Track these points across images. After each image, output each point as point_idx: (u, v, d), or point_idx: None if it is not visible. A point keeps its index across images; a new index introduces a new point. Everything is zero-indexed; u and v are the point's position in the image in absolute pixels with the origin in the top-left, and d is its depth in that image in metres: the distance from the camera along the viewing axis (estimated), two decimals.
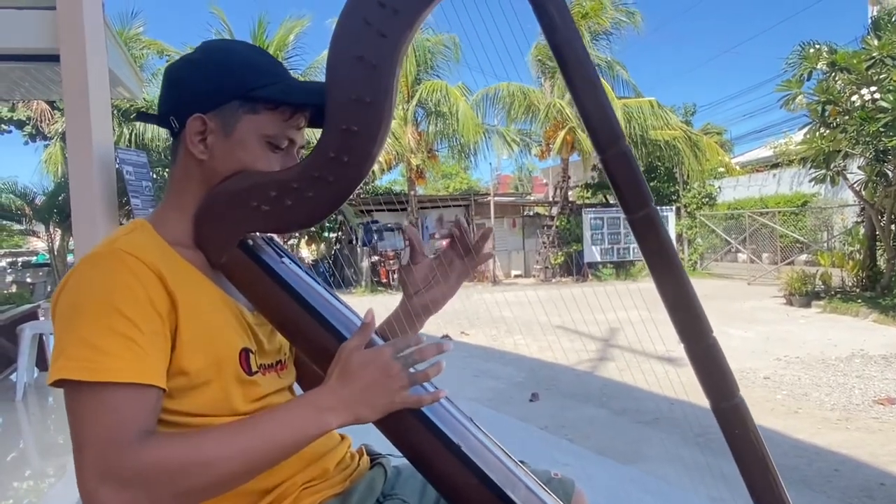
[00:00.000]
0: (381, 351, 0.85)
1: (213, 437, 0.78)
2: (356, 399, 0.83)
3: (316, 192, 0.91)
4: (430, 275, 1.10)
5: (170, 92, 0.95)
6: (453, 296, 1.12)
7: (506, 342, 8.39)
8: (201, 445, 0.77)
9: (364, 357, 0.85)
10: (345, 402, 0.83)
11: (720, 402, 0.84)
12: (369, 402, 0.84)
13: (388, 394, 0.84)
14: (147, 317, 0.80)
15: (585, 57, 0.85)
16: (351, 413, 0.83)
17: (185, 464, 0.75)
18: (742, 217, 17.51)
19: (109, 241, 0.86)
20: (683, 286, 0.85)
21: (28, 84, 7.01)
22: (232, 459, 0.77)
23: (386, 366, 0.84)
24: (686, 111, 22.18)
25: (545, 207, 20.25)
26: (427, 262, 1.11)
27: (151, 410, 0.79)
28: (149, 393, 0.78)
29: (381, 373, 0.84)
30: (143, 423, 0.77)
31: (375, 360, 0.84)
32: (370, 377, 0.84)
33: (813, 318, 9.92)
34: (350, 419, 0.84)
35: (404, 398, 0.85)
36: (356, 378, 0.84)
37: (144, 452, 0.74)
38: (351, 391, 0.83)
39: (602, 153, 0.86)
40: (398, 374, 0.85)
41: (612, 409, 5.28)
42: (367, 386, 0.83)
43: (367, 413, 0.84)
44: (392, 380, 0.84)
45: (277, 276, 0.93)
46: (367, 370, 0.84)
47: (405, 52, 0.91)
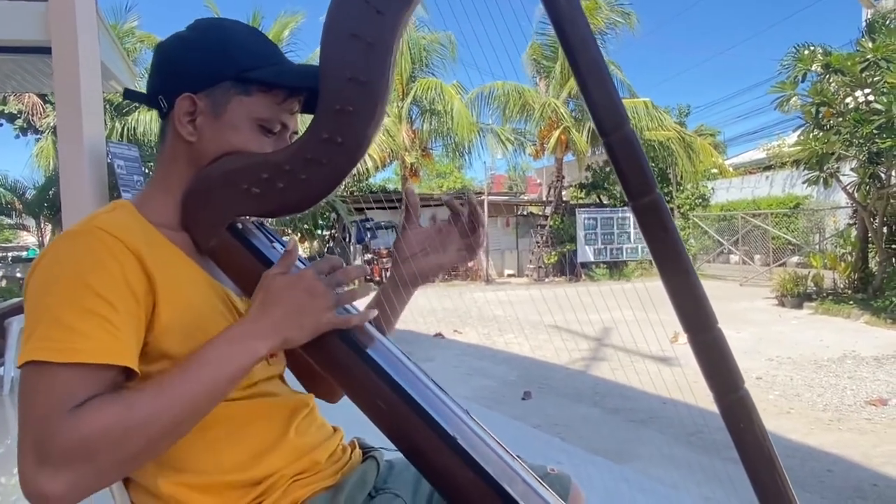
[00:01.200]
0: (304, 273, 0.84)
1: (146, 391, 0.74)
2: (281, 322, 0.81)
3: (309, 175, 0.88)
4: (425, 242, 1.07)
5: (159, 70, 0.92)
6: (447, 268, 1.09)
7: (498, 341, 8.37)
8: (135, 403, 0.73)
9: (286, 280, 0.83)
10: (270, 327, 0.81)
11: (725, 395, 0.82)
12: (295, 323, 0.82)
13: (314, 313, 0.82)
14: (122, 296, 0.77)
15: (589, 37, 0.82)
16: (278, 336, 0.81)
17: (122, 426, 0.71)
18: (735, 218, 17.56)
19: (87, 220, 0.82)
20: (688, 276, 0.82)
21: (20, 77, 6.95)
22: (169, 409, 0.74)
23: (309, 286, 0.83)
24: (680, 112, 22.22)
25: (539, 207, 20.25)
26: (423, 230, 1.08)
27: (108, 387, 0.74)
28: (109, 371, 0.75)
29: (304, 293, 0.82)
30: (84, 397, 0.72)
31: (298, 282, 0.83)
32: (294, 299, 0.82)
33: (805, 319, 9.94)
34: (278, 342, 0.82)
35: (330, 318, 0.84)
36: (279, 301, 0.82)
37: (78, 424, 0.69)
38: (274, 315, 0.81)
39: (606, 137, 0.83)
40: (322, 294, 0.83)
41: (605, 407, 5.27)
42: (291, 308, 0.82)
43: (294, 334, 0.82)
44: (316, 299, 0.83)
45: (267, 261, 0.89)
46: (290, 292, 0.82)
47: (403, 30, 0.88)
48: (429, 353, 7.82)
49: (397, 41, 0.87)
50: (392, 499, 0.96)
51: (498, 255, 18.86)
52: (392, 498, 0.96)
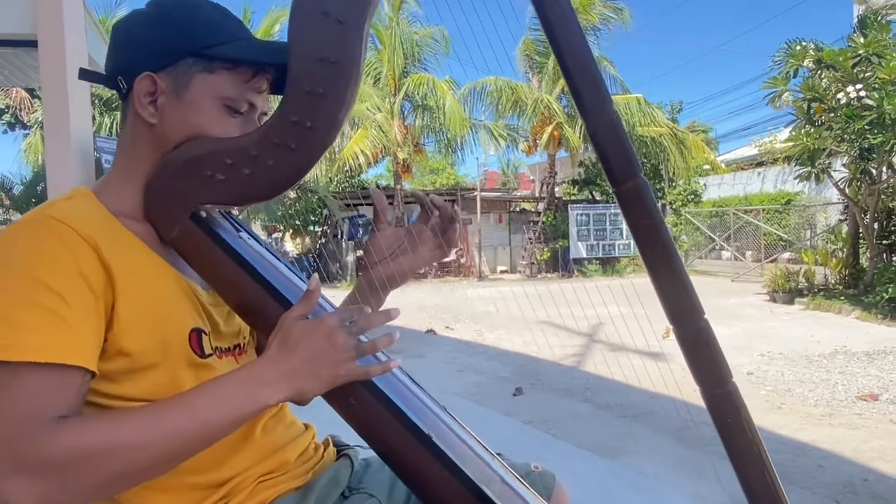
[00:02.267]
0: (325, 319, 0.78)
1: (137, 417, 0.70)
2: (298, 371, 0.76)
3: (277, 161, 0.83)
4: (395, 244, 1.03)
5: (118, 49, 0.87)
6: (420, 269, 1.05)
7: (490, 337, 8.34)
8: (124, 427, 0.69)
9: (306, 326, 0.78)
10: (285, 375, 0.76)
11: (712, 389, 0.78)
12: (313, 373, 0.77)
13: (333, 365, 0.77)
14: (76, 290, 0.72)
15: (571, 15, 0.78)
16: (292, 386, 0.76)
17: (106, 449, 0.67)
18: (727, 214, 17.58)
19: (41, 208, 0.78)
20: (674, 265, 0.79)
21: (7, 72, 6.85)
22: (158, 442, 0.69)
23: (330, 334, 0.77)
24: (672, 108, 22.25)
25: (532, 203, 20.23)
26: (393, 231, 1.04)
27: (75, 394, 0.71)
28: (72, 374, 0.70)
29: (324, 342, 0.77)
30: (62, 407, 0.69)
31: (318, 328, 0.77)
32: (313, 347, 0.76)
33: (796, 314, 9.96)
34: (291, 393, 0.77)
35: (350, 369, 0.78)
36: (298, 348, 0.76)
37: (60, 438, 0.66)
38: (292, 363, 0.76)
39: (589, 119, 0.79)
40: (344, 344, 0.78)
41: (597, 403, 5.24)
42: (310, 357, 0.76)
43: (310, 386, 0.77)
44: (337, 350, 0.77)
45: (234, 252, 0.85)
46: (309, 340, 0.77)
47: (375, 7, 0.84)
48: (420, 349, 7.79)
49: (369, 18, 0.83)
50: (366, 499, 0.92)
51: (490, 251, 18.83)
52: (366, 498, 0.92)
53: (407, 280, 1.04)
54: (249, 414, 0.75)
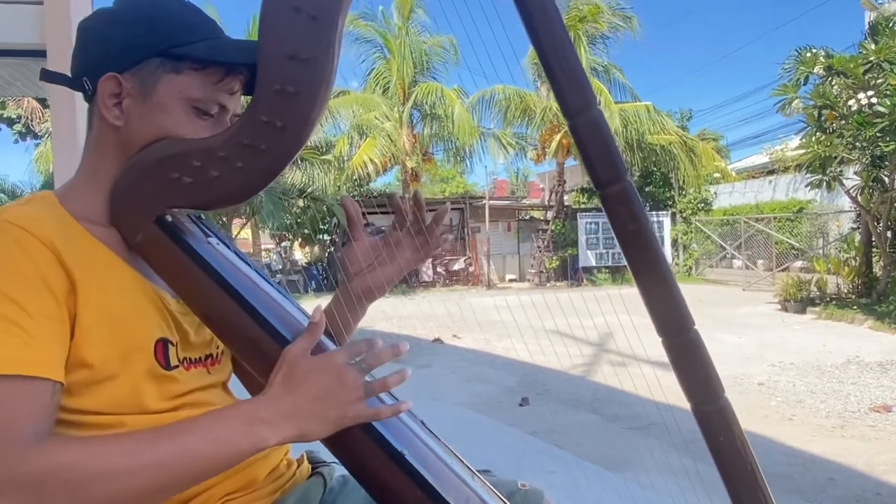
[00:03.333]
0: (334, 356, 0.74)
1: (123, 445, 0.67)
2: (303, 412, 0.72)
3: (246, 163, 0.79)
4: (373, 255, 0.98)
5: (82, 48, 0.84)
6: (400, 279, 1.00)
7: (498, 346, 8.27)
8: (108, 454, 0.65)
9: (313, 363, 0.73)
10: (288, 416, 0.71)
11: (702, 405, 0.74)
12: (318, 415, 0.72)
13: (340, 406, 0.72)
14: (37, 298, 0.68)
15: (552, 8, 0.74)
16: (294, 427, 0.72)
17: (88, 475, 0.63)
18: (737, 223, 17.44)
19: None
20: (661, 272, 0.74)
21: (19, 82, 6.90)
22: (143, 475, 0.65)
23: (339, 373, 0.73)
24: (682, 116, 22.07)
25: (541, 211, 20.17)
26: (369, 242, 0.99)
27: (45, 407, 0.67)
28: (40, 387, 0.67)
29: (333, 381, 0.72)
30: (35, 422, 0.65)
31: (326, 366, 0.73)
32: (320, 387, 0.72)
33: (808, 324, 9.83)
34: (293, 435, 0.72)
35: (359, 411, 0.74)
36: (303, 387, 0.72)
37: (38, 457, 0.63)
38: (296, 402, 0.72)
39: (571, 119, 0.75)
40: (353, 384, 0.73)
41: (604, 414, 5.17)
42: (316, 397, 0.72)
43: (315, 427, 0.72)
44: (346, 390, 0.73)
45: (199, 258, 0.81)
46: (316, 378, 0.72)
47: (350, 2, 0.80)
48: (427, 358, 7.73)
49: (343, 14, 0.79)
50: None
51: (499, 259, 18.77)
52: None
53: (385, 292, 1.00)
54: (245, 453, 0.71)
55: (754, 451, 0.75)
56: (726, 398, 0.73)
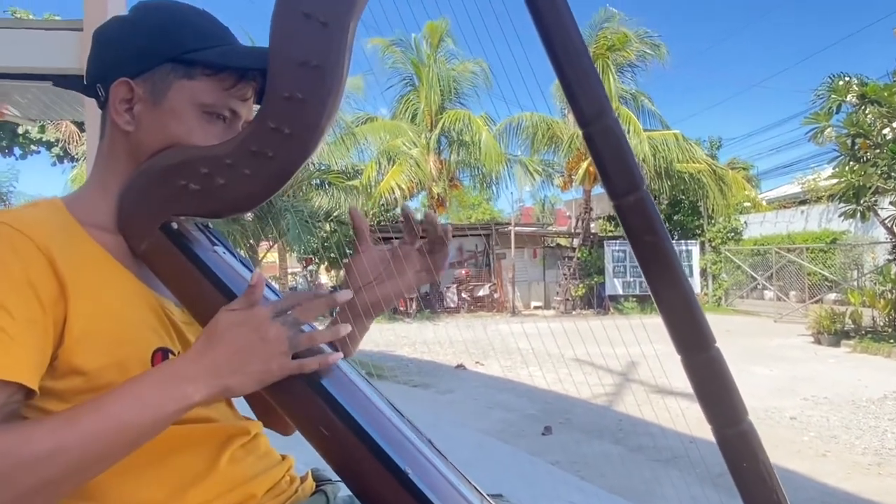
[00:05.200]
0: (255, 311, 0.72)
1: (46, 426, 0.64)
2: (222, 366, 0.70)
3: (254, 170, 0.78)
4: (380, 267, 0.96)
5: (97, 55, 0.84)
6: (408, 294, 0.97)
7: (521, 374, 8.16)
8: (30, 438, 0.63)
9: (235, 317, 0.72)
10: (209, 370, 0.70)
11: (724, 428, 0.69)
12: (239, 368, 0.70)
13: (262, 359, 0.71)
14: (22, 302, 0.67)
15: (566, 11, 0.72)
16: (217, 383, 0.70)
17: (13, 462, 0.61)
18: (769, 253, 17.11)
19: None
20: (680, 286, 0.71)
21: (58, 107, 7.13)
22: (70, 450, 0.63)
23: (260, 326, 0.71)
24: (712, 145, 21.91)
25: (567, 239, 20.05)
26: (377, 254, 0.97)
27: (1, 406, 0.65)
28: (6, 388, 0.65)
29: (254, 335, 0.71)
30: None
31: (248, 320, 0.71)
32: (240, 340, 0.71)
33: (842, 357, 9.54)
34: (216, 390, 0.70)
35: (283, 363, 0.72)
36: (223, 342, 0.70)
37: None
38: (215, 357, 0.70)
39: (585, 127, 0.72)
40: (276, 337, 0.72)
41: (628, 445, 5.04)
42: (236, 350, 0.70)
43: (237, 382, 0.71)
44: (268, 343, 0.71)
45: (205, 267, 0.79)
46: (235, 332, 0.71)
47: (362, 9, 0.79)
48: (450, 384, 7.66)
49: (355, 21, 0.78)
50: None
51: (525, 286, 18.64)
52: None
53: (392, 306, 0.98)
54: (173, 413, 0.69)
55: (784, 487, 0.71)
56: (750, 421, 0.69)
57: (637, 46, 16.84)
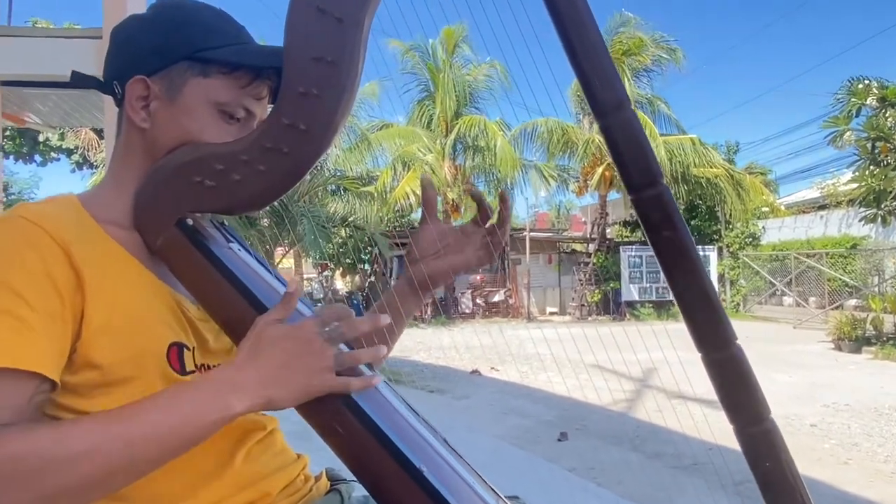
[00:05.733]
0: (302, 324, 0.72)
1: (83, 426, 0.64)
2: (267, 378, 0.69)
3: (269, 166, 0.78)
4: (441, 241, 0.98)
5: (114, 53, 0.84)
6: (462, 270, 0.98)
7: (537, 379, 8.11)
8: (67, 437, 0.62)
9: (282, 330, 0.71)
10: (253, 382, 0.69)
11: (747, 427, 0.68)
12: (283, 381, 0.69)
13: (306, 374, 0.70)
14: (42, 294, 0.67)
15: (585, 8, 0.71)
16: (261, 395, 0.69)
17: (44, 461, 0.60)
18: (787, 259, 16.92)
19: (13, 208, 0.74)
20: (700, 282, 0.69)
21: (78, 113, 7.24)
22: (105, 454, 0.62)
23: (307, 341, 0.70)
24: (729, 149, 21.69)
25: (582, 244, 19.97)
26: (441, 228, 0.99)
27: (26, 402, 0.65)
28: (27, 381, 0.65)
29: (300, 348, 0.70)
30: (6, 413, 0.63)
31: (294, 333, 0.71)
32: (286, 353, 0.70)
33: (863, 364, 9.39)
34: (260, 402, 0.69)
35: (325, 380, 0.71)
36: (269, 354, 0.70)
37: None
38: (261, 369, 0.69)
39: (603, 119, 0.71)
40: (321, 352, 0.71)
41: (646, 452, 4.99)
42: (282, 364, 0.70)
43: (280, 395, 0.70)
44: (313, 357, 0.70)
45: (219, 263, 0.79)
46: (283, 345, 0.70)
47: (377, 5, 0.79)
48: (465, 390, 7.64)
49: (370, 16, 0.78)
50: None
51: (540, 292, 18.58)
52: None
53: (449, 281, 0.99)
54: (213, 423, 0.68)
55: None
56: (773, 420, 0.67)
57: (653, 51, 16.80)
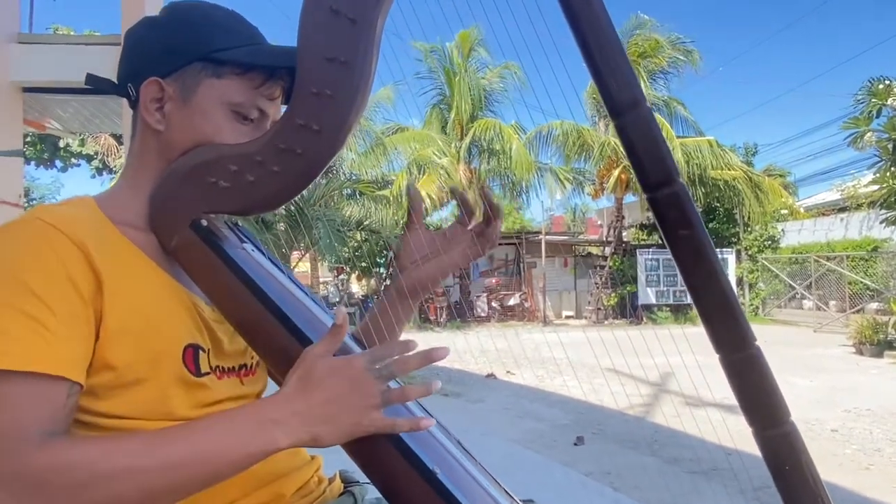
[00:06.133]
0: (353, 360, 0.70)
1: (128, 444, 0.65)
2: (315, 415, 0.68)
3: (283, 167, 0.78)
4: (427, 247, 0.98)
5: (128, 56, 0.85)
6: (449, 273, 0.98)
7: (552, 383, 8.08)
8: (112, 454, 0.63)
9: (330, 366, 0.70)
10: (300, 418, 0.68)
11: (766, 429, 0.66)
12: (331, 420, 0.69)
13: (354, 412, 0.69)
14: (63, 297, 0.68)
15: (600, 6, 0.71)
16: (306, 431, 0.68)
17: (89, 475, 0.61)
18: (807, 261, 16.70)
19: (31, 211, 0.75)
20: (718, 282, 0.68)
21: (98, 120, 7.34)
22: (147, 474, 0.63)
23: (357, 378, 0.69)
24: (747, 151, 21.48)
25: (598, 247, 19.86)
26: (427, 234, 0.99)
27: (60, 407, 0.66)
28: (56, 386, 0.66)
29: (349, 386, 0.69)
30: (46, 421, 0.64)
31: (344, 369, 0.69)
32: (335, 390, 0.69)
33: (886, 368, 9.23)
34: (305, 438, 0.69)
35: (374, 420, 0.70)
36: (318, 390, 0.69)
37: (40, 456, 0.61)
38: (309, 405, 0.68)
39: (618, 117, 0.71)
40: (370, 390, 0.69)
41: (663, 457, 4.94)
42: (329, 400, 0.68)
43: (327, 432, 0.69)
44: (362, 396, 0.69)
45: (233, 264, 0.79)
46: (332, 381, 0.69)
47: (390, 5, 0.79)
48: (480, 393, 7.62)
49: (383, 16, 0.78)
50: None
51: (555, 295, 18.49)
52: None
53: (437, 285, 0.99)
54: (255, 456, 0.68)
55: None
56: (793, 422, 0.66)
57: (669, 53, 16.68)
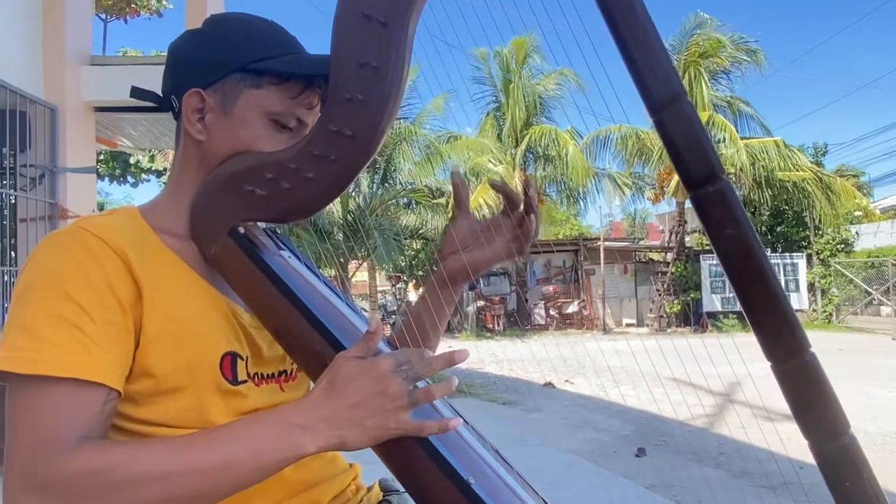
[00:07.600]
0: (378, 362, 0.70)
1: (157, 449, 0.66)
2: (341, 418, 0.68)
3: (317, 174, 0.78)
4: (470, 236, 0.99)
5: (171, 68, 0.87)
6: (493, 263, 1.00)
7: (613, 393, 7.90)
8: (141, 458, 0.64)
9: (357, 369, 0.69)
10: (327, 421, 0.68)
11: (824, 442, 0.62)
12: (357, 423, 0.68)
13: (381, 415, 0.68)
14: (103, 304, 0.69)
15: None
16: (334, 434, 0.68)
17: (119, 478, 0.63)
18: (884, 265, 15.86)
19: (76, 221, 0.77)
20: (767, 283, 0.64)
21: (168, 137, 7.66)
22: (176, 479, 0.64)
23: (381, 379, 0.68)
24: (817, 151, 20.57)
25: (659, 253, 19.40)
26: (472, 223, 1.00)
27: (97, 413, 0.67)
28: (94, 392, 0.67)
29: (374, 389, 0.68)
30: (83, 426, 0.66)
31: (369, 372, 0.69)
32: (361, 393, 0.68)
33: None
34: (332, 442, 0.68)
35: (400, 422, 0.69)
36: (344, 394, 0.68)
37: (73, 460, 0.63)
38: (335, 409, 0.68)
39: (656, 113, 0.67)
40: (396, 392, 0.68)
41: (730, 470, 4.75)
42: (356, 403, 0.68)
43: (354, 436, 0.68)
44: (387, 398, 0.68)
45: (270, 271, 0.80)
46: (358, 384, 0.68)
47: (420, 10, 0.78)
48: (537, 402, 7.52)
49: (414, 21, 0.77)
50: None
51: (615, 303, 18.14)
52: None
53: (479, 274, 1.01)
54: (282, 461, 0.68)
55: None
56: (853, 435, 0.61)
57: (731, 52, 16.19)
